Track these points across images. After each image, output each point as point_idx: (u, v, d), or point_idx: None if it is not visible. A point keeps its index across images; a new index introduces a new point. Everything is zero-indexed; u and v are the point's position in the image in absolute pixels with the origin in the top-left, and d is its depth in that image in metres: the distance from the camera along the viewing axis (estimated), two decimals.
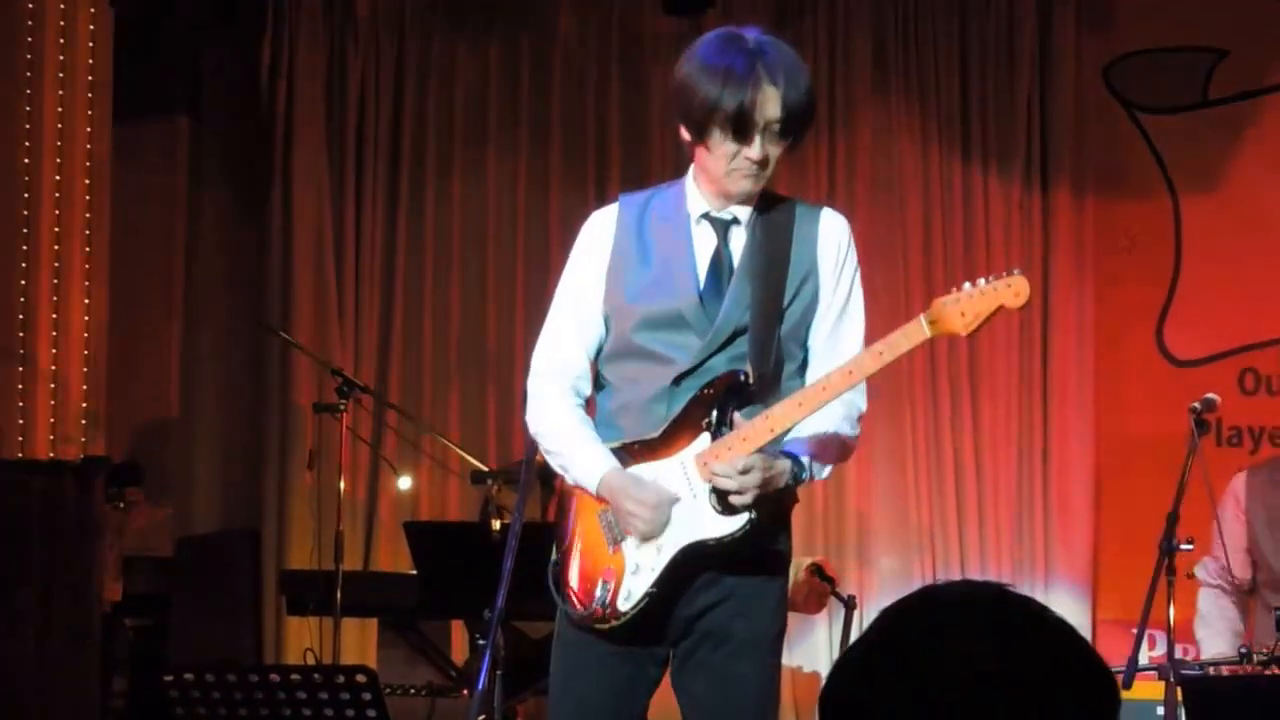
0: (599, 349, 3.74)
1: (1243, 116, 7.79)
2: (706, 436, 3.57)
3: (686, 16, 7.81)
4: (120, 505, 7.03)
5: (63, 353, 6.68)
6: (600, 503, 3.64)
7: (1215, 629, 5.50)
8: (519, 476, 5.31)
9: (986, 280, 3.52)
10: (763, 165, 3.58)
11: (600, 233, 3.75)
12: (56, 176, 6.70)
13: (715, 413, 3.57)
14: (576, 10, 7.98)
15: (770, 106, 3.52)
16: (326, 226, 7.80)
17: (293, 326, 7.62)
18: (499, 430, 7.78)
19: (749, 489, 3.49)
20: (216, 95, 8.02)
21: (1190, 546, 4.98)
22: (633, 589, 3.59)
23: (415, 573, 6.41)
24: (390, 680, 6.21)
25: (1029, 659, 1.69)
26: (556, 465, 3.74)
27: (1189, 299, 7.77)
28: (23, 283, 6.64)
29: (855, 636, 7.05)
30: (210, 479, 7.89)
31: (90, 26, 6.81)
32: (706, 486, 3.54)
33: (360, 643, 7.32)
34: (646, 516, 3.55)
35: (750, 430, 3.53)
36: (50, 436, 6.61)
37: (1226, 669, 5.06)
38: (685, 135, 3.64)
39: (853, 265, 3.76)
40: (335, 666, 5.68)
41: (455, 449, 7.22)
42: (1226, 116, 7.81)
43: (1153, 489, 6.84)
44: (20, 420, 6.58)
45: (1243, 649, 4.98)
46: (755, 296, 3.61)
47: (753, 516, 3.52)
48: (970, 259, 7.80)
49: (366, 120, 7.90)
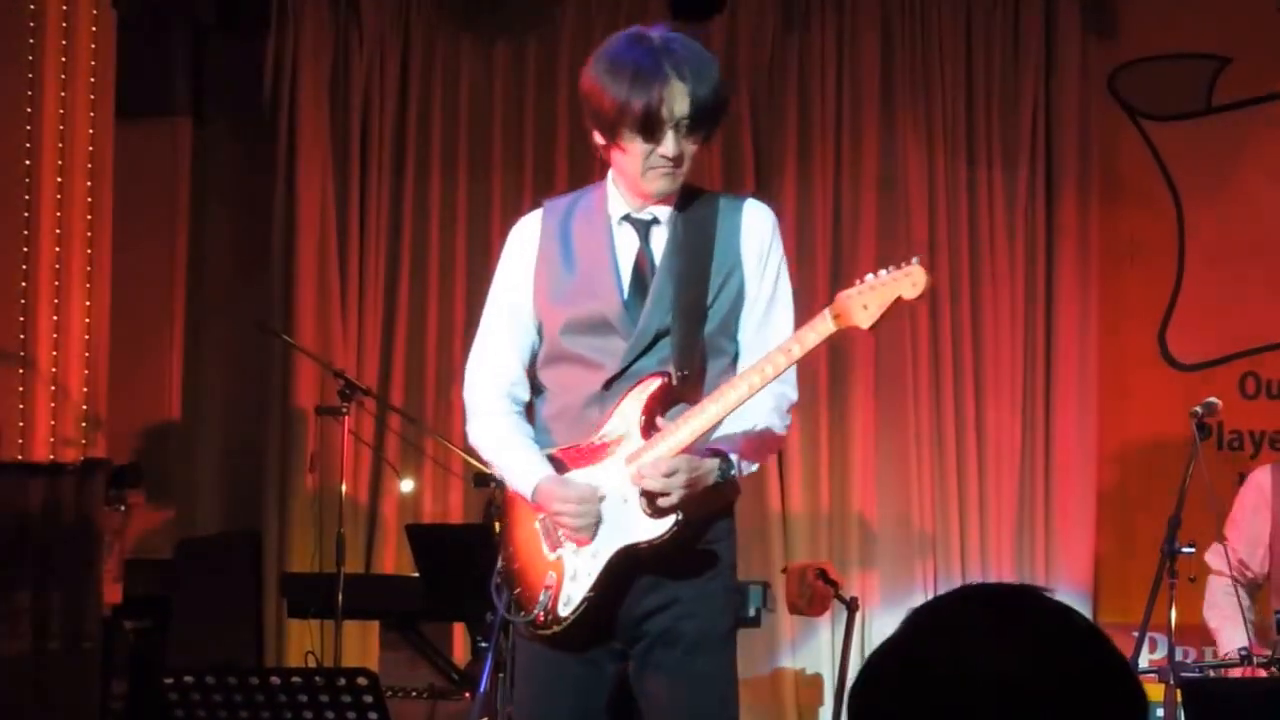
0: (533, 355, 3.76)
1: (1246, 124, 7.79)
2: (636, 439, 3.59)
3: (694, 20, 7.81)
4: (121, 508, 7.01)
5: (63, 354, 6.67)
6: (537, 509, 3.66)
7: (1230, 617, 5.46)
8: None
9: (887, 270, 3.53)
10: (678, 162, 3.60)
11: (526, 239, 3.80)
12: (58, 178, 6.70)
13: (643, 416, 3.59)
14: (582, 13, 7.97)
15: (679, 103, 3.55)
16: (330, 228, 7.79)
17: (295, 329, 7.61)
18: None
19: (674, 490, 3.51)
20: (219, 96, 8.01)
21: (1192, 550, 4.99)
22: (572, 594, 3.62)
23: (417, 575, 6.40)
24: (392, 683, 6.20)
25: (1059, 663, 1.68)
26: (496, 472, 3.80)
27: (1191, 304, 7.77)
28: (23, 284, 6.64)
29: (858, 638, 7.05)
30: (211, 481, 7.87)
31: (92, 28, 6.81)
32: (637, 490, 3.57)
33: (362, 645, 7.30)
34: (572, 512, 3.57)
35: (674, 431, 3.56)
36: (50, 438, 6.60)
37: (1225, 671, 5.06)
38: (598, 139, 3.68)
39: (778, 256, 3.75)
40: (336, 669, 5.66)
41: (458, 451, 7.20)
42: (1230, 124, 7.81)
43: (1154, 492, 6.86)
44: (20, 422, 6.57)
45: (1242, 650, 4.97)
46: (678, 297, 3.63)
47: (679, 518, 3.54)
48: (975, 265, 7.79)
49: (370, 121, 7.88)
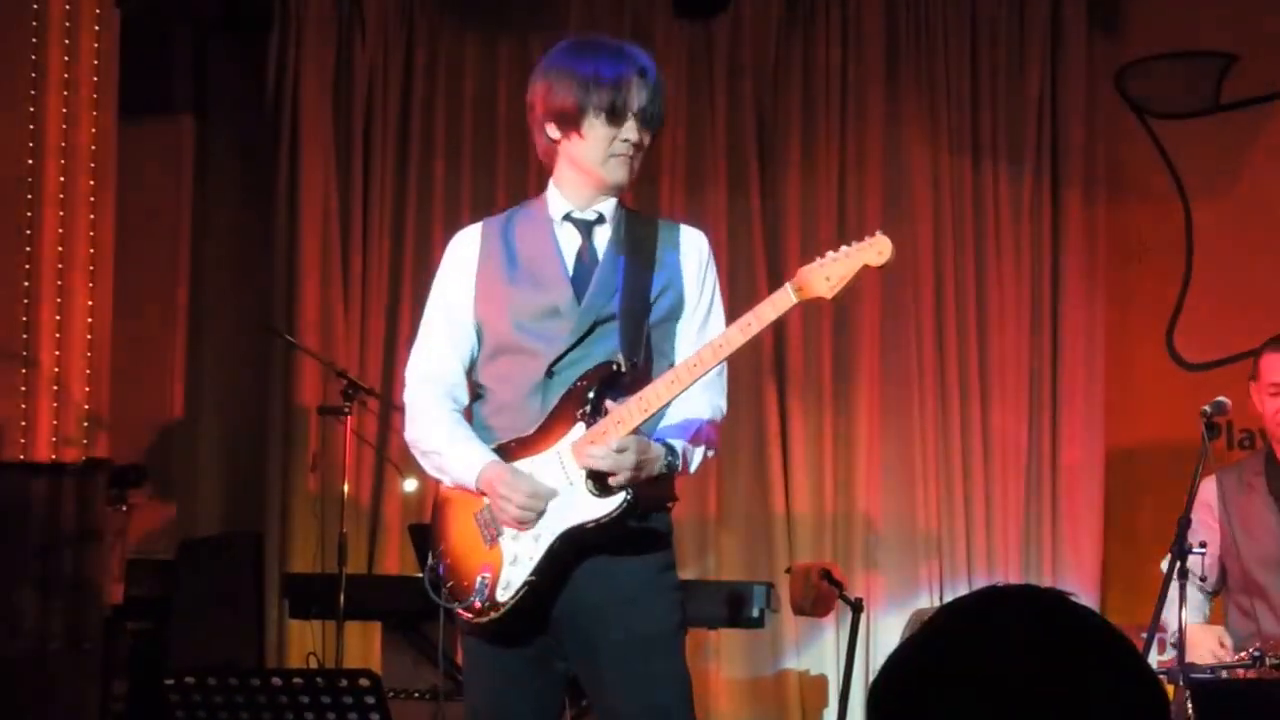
0: (472, 360, 3.82)
1: (1254, 121, 7.78)
2: (581, 426, 3.65)
3: (698, 19, 7.79)
4: (122, 507, 6.99)
5: (65, 354, 6.66)
6: (479, 498, 3.69)
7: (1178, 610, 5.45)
8: None
9: (849, 245, 3.63)
10: (638, 149, 3.76)
11: (466, 247, 3.87)
12: (61, 176, 6.69)
13: (589, 403, 3.64)
14: (587, 11, 7.95)
15: (638, 94, 3.72)
16: (333, 226, 7.77)
17: (298, 328, 7.59)
18: None
19: (624, 469, 3.57)
20: (222, 93, 7.99)
21: (1203, 550, 4.96)
22: (511, 579, 3.65)
23: (419, 576, 6.37)
24: (394, 684, 6.19)
25: (1081, 667, 1.67)
26: (432, 468, 3.83)
27: (1200, 303, 7.75)
28: (26, 283, 6.63)
29: (862, 640, 7.04)
30: (213, 481, 7.85)
31: (95, 26, 6.79)
32: (583, 473, 3.61)
33: (364, 646, 7.28)
34: (518, 501, 3.61)
35: (624, 412, 3.61)
36: (52, 438, 6.59)
37: (1228, 672, 5.03)
38: (551, 134, 3.78)
39: (714, 276, 3.89)
40: (338, 670, 5.66)
41: None
42: (1238, 121, 7.80)
43: (1163, 492, 6.83)
44: (22, 421, 6.56)
45: (1255, 652, 4.94)
46: (623, 285, 3.72)
47: (629, 496, 3.59)
48: (980, 264, 7.77)
49: (374, 119, 7.87)
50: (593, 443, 3.60)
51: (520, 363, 3.73)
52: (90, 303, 6.75)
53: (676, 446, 3.68)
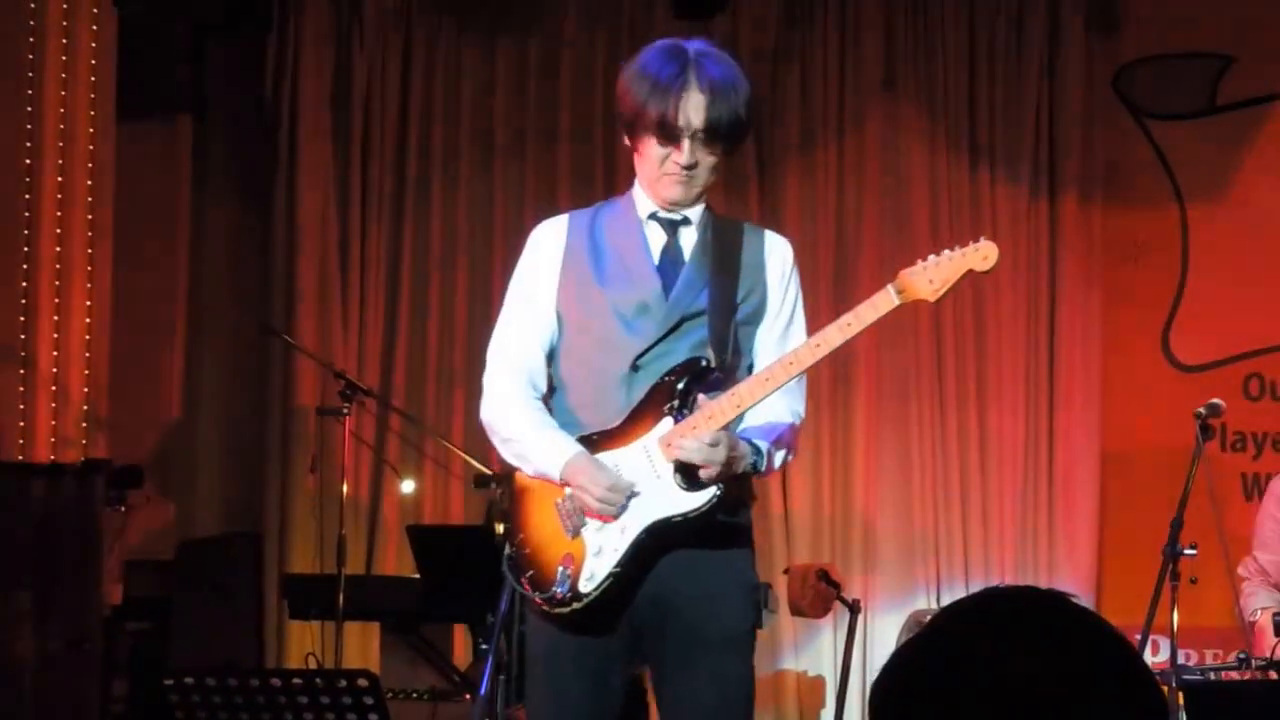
0: (552, 349, 3.80)
1: (1250, 123, 7.79)
2: (669, 420, 3.62)
3: (697, 19, 7.80)
4: (121, 508, 7.00)
5: (64, 355, 6.67)
6: (561, 489, 3.67)
7: (1258, 595, 5.45)
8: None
9: (951, 250, 3.63)
10: (690, 170, 3.66)
11: (551, 238, 3.83)
12: (59, 177, 6.70)
13: (678, 397, 3.62)
14: (585, 12, 7.95)
15: (696, 114, 3.61)
16: (331, 228, 7.78)
17: (296, 329, 7.60)
18: None
19: (716, 463, 3.55)
20: (221, 95, 8.00)
21: (1194, 552, 4.98)
22: (595, 570, 3.62)
23: (418, 576, 6.39)
24: (392, 684, 6.20)
25: (1081, 666, 1.68)
26: (511, 455, 3.77)
27: (1195, 305, 7.76)
28: (24, 284, 6.64)
29: (860, 640, 7.04)
30: (212, 482, 7.86)
31: (93, 26, 6.80)
32: (670, 466, 3.59)
33: (362, 647, 7.29)
34: (597, 494, 3.59)
35: (716, 408, 3.59)
36: (51, 439, 6.59)
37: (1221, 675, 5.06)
38: (627, 140, 3.74)
39: (797, 284, 3.84)
40: (337, 670, 5.66)
41: (459, 452, 7.20)
42: (1234, 123, 7.81)
43: (1157, 494, 6.84)
44: (21, 423, 6.57)
45: (1241, 654, 4.96)
46: (710, 284, 3.70)
47: (719, 490, 3.58)
48: None
49: (372, 121, 7.87)
50: (684, 436, 3.58)
51: (604, 356, 3.71)
52: (89, 303, 6.76)
53: (761, 447, 3.67)
